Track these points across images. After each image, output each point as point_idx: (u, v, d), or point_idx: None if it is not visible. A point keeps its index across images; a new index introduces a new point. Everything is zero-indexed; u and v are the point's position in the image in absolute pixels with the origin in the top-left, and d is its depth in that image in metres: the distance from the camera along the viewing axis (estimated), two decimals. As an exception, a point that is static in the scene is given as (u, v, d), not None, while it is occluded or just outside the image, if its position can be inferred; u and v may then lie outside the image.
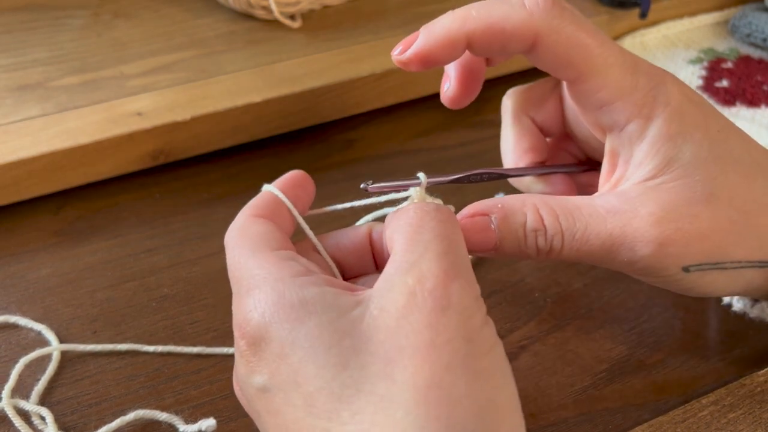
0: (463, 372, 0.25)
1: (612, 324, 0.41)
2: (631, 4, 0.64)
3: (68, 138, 0.48)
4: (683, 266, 0.33)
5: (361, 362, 0.26)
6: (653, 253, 0.32)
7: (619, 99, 0.33)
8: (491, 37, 0.32)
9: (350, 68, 0.55)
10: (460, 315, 0.26)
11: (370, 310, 0.27)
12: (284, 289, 0.28)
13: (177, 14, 0.63)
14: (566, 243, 0.33)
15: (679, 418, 0.35)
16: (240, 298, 0.29)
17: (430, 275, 0.27)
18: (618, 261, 0.33)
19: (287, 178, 0.35)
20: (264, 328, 0.27)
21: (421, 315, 0.26)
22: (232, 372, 0.38)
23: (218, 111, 0.51)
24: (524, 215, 0.33)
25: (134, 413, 0.35)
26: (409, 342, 0.26)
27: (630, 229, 0.32)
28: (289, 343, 0.27)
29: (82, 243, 0.46)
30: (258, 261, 0.29)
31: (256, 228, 0.32)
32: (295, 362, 0.26)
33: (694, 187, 0.32)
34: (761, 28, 0.62)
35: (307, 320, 0.27)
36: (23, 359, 0.38)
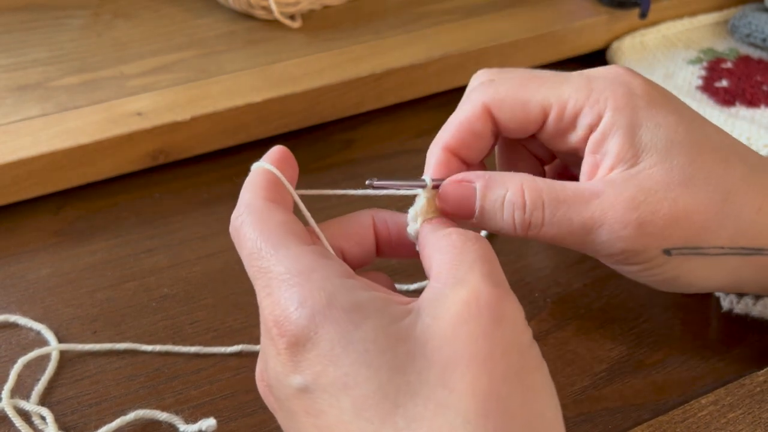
0: (518, 385, 0.25)
1: (612, 324, 0.41)
2: (631, 4, 0.64)
3: (68, 138, 0.48)
4: (663, 248, 0.33)
5: (418, 367, 0.25)
6: (632, 235, 0.32)
7: (583, 106, 0.34)
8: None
9: (350, 68, 0.55)
10: (513, 330, 0.27)
11: (422, 318, 0.27)
12: (335, 290, 0.27)
13: (177, 14, 0.63)
14: (547, 219, 0.33)
15: (679, 418, 0.35)
16: (275, 293, 0.28)
17: (483, 289, 0.27)
18: (597, 243, 0.33)
19: (277, 156, 0.33)
20: (312, 329, 0.26)
21: (478, 325, 0.26)
22: (231, 372, 0.38)
23: (218, 111, 0.51)
24: (506, 188, 0.33)
25: (134, 413, 0.36)
26: (466, 350, 0.25)
27: (611, 212, 0.32)
28: (342, 346, 0.26)
29: (82, 243, 0.46)
30: (294, 256, 0.28)
31: (279, 217, 0.30)
32: (347, 365, 0.26)
33: (672, 171, 0.33)
34: (761, 28, 0.62)
35: (362, 324, 0.26)
36: (22, 359, 0.38)
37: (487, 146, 0.37)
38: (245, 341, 0.40)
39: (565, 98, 0.35)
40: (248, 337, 0.40)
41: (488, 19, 0.63)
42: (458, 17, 0.63)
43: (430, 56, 0.57)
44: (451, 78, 0.59)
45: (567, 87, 0.35)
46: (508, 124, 0.36)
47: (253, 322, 0.41)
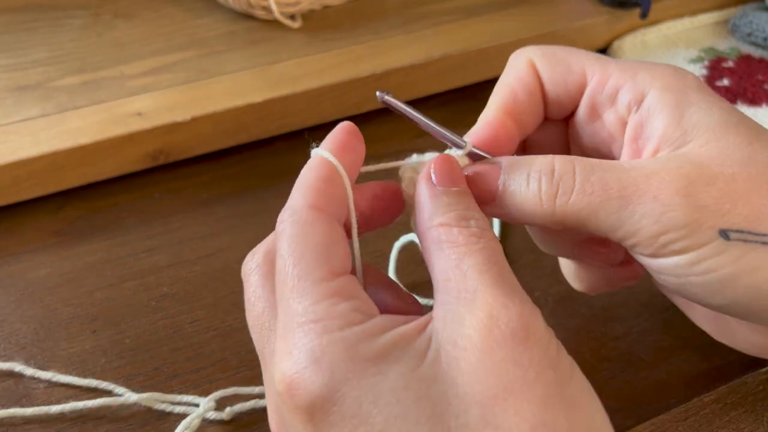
0: (560, 405, 0.24)
1: (613, 323, 0.41)
2: (632, 4, 0.64)
3: (68, 138, 0.48)
4: (720, 228, 0.27)
5: (455, 410, 0.23)
6: (684, 203, 0.27)
7: (626, 82, 0.31)
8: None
9: (350, 68, 0.55)
10: (539, 345, 0.25)
11: (443, 347, 0.25)
12: (356, 339, 0.24)
13: (177, 14, 0.63)
14: (578, 184, 0.28)
15: (681, 416, 0.35)
16: (288, 338, 0.25)
17: (500, 309, 0.25)
18: (637, 218, 0.28)
19: (341, 141, 0.29)
20: (333, 389, 0.24)
21: (504, 351, 0.24)
22: (231, 371, 0.38)
23: (218, 111, 0.51)
24: (534, 162, 0.30)
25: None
26: (500, 383, 0.24)
27: (656, 179, 0.28)
28: (370, 401, 0.23)
29: (82, 243, 0.46)
30: (316, 292, 0.25)
31: (318, 232, 0.27)
32: (381, 422, 0.23)
33: (728, 150, 0.28)
34: (762, 27, 0.62)
35: (389, 372, 0.24)
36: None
37: (540, 112, 0.33)
38: (245, 340, 0.40)
39: (609, 71, 0.32)
40: (248, 337, 0.40)
41: (488, 19, 0.63)
42: (458, 17, 0.63)
43: (430, 56, 0.57)
44: (451, 78, 0.59)
45: (612, 63, 0.32)
46: (550, 85, 0.33)
47: (253, 321, 0.41)
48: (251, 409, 0.37)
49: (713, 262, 0.27)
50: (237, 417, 0.37)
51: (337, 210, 0.28)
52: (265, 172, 0.52)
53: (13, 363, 0.38)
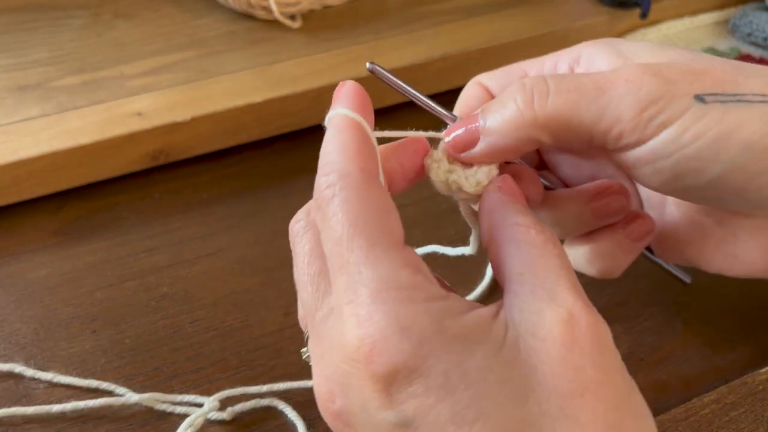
0: (628, 411, 0.25)
1: (613, 323, 0.40)
2: (632, 4, 0.64)
3: (68, 138, 0.48)
4: (695, 94, 0.28)
5: (537, 397, 0.24)
6: (654, 80, 0.28)
7: (560, 56, 0.35)
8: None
9: (350, 68, 0.55)
10: (611, 351, 0.26)
11: (521, 335, 0.25)
12: (442, 314, 0.24)
13: (177, 14, 0.63)
14: (552, 87, 0.29)
15: (681, 416, 0.35)
16: (364, 306, 0.24)
17: (580, 311, 0.25)
18: (616, 102, 0.28)
19: (358, 99, 0.28)
20: (421, 359, 0.23)
21: (583, 350, 0.24)
22: (231, 371, 0.38)
23: (218, 111, 0.51)
24: (504, 90, 0.31)
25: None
26: (577, 378, 0.24)
27: (624, 70, 0.29)
28: (458, 377, 0.23)
29: (82, 243, 0.46)
30: (390, 263, 0.25)
31: (377, 198, 0.26)
32: (467, 398, 0.23)
33: (672, 54, 0.31)
34: (762, 27, 0.62)
35: (476, 351, 0.24)
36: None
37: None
38: (245, 340, 0.40)
39: (542, 59, 0.35)
40: (247, 336, 0.40)
41: (488, 19, 0.63)
42: (458, 17, 0.63)
43: (430, 56, 0.57)
44: (451, 78, 0.58)
45: (541, 57, 0.36)
46: (498, 91, 0.36)
47: (252, 321, 0.41)
48: (252, 409, 0.37)
49: (699, 126, 0.28)
50: (238, 417, 0.37)
51: (378, 174, 0.27)
52: (265, 172, 0.52)
53: (13, 364, 0.38)
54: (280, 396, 0.37)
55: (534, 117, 0.29)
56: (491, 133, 0.30)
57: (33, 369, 0.38)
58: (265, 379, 0.38)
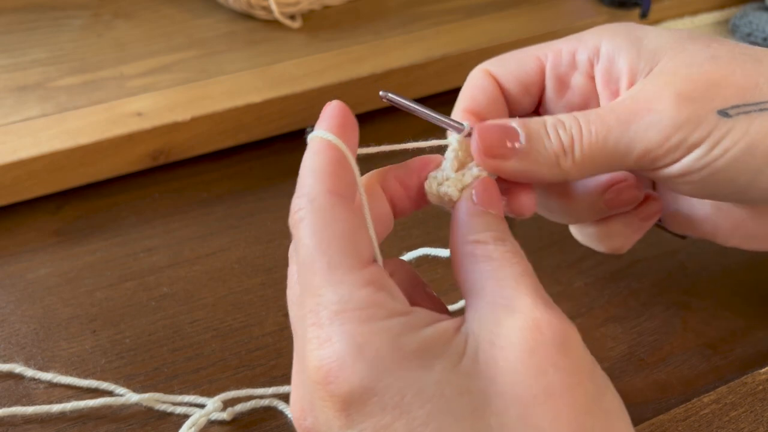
0: (597, 414, 0.24)
1: (613, 323, 0.41)
2: (632, 4, 0.64)
3: (68, 138, 0.48)
4: (718, 110, 0.29)
5: (495, 408, 0.23)
6: (675, 103, 0.29)
7: (577, 47, 0.34)
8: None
9: (350, 68, 0.55)
10: (578, 354, 0.25)
11: (480, 346, 0.25)
12: (400, 331, 0.24)
13: (177, 14, 0.63)
14: (583, 127, 0.30)
15: (681, 416, 0.35)
16: (325, 328, 0.24)
17: (540, 314, 0.25)
18: (645, 131, 0.30)
19: (338, 119, 0.28)
20: (375, 380, 0.23)
21: (545, 354, 0.24)
22: (231, 371, 0.38)
23: (218, 111, 0.51)
24: (543, 118, 0.31)
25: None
26: (540, 384, 0.24)
27: (642, 96, 0.30)
28: (413, 394, 0.23)
29: (82, 243, 0.46)
30: (350, 283, 0.25)
31: (343, 219, 0.26)
32: (423, 415, 0.23)
33: (692, 55, 0.31)
34: (762, 27, 0.62)
35: (433, 366, 0.24)
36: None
37: (502, 108, 0.35)
38: (245, 340, 0.40)
39: (558, 46, 0.34)
40: (247, 336, 0.40)
41: (488, 19, 0.63)
42: (458, 17, 0.63)
43: (430, 56, 0.57)
44: (451, 78, 0.58)
45: (558, 41, 0.35)
46: (509, 83, 0.35)
47: (252, 321, 0.41)
48: (252, 409, 0.37)
49: (726, 142, 0.29)
50: (238, 417, 0.36)
51: (352, 194, 0.28)
52: (265, 172, 0.52)
53: (13, 364, 0.38)
54: (281, 397, 0.37)
55: (572, 165, 0.31)
56: (529, 161, 0.31)
57: (33, 369, 0.38)
58: (265, 379, 0.38)
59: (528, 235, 0.46)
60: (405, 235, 0.47)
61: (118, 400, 0.37)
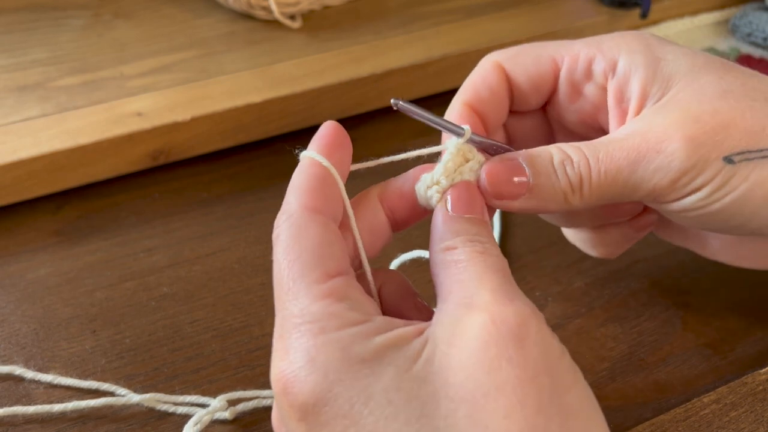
0: (554, 411, 0.23)
1: (613, 323, 0.41)
2: (632, 4, 0.64)
3: (68, 138, 0.48)
4: (723, 156, 0.30)
5: (445, 411, 0.23)
6: (683, 148, 0.30)
7: (595, 54, 0.34)
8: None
9: (350, 68, 0.55)
10: (538, 347, 0.24)
11: (438, 346, 0.25)
12: (351, 340, 0.25)
13: (177, 14, 0.63)
14: (592, 165, 0.31)
15: (681, 416, 0.35)
16: (285, 338, 0.25)
17: (497, 308, 0.25)
18: (651, 173, 0.30)
19: (328, 139, 0.29)
20: (326, 389, 0.24)
21: (499, 349, 0.24)
22: (231, 371, 0.38)
23: (218, 111, 0.51)
24: (550, 152, 0.31)
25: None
26: (491, 381, 0.23)
27: (652, 136, 0.30)
28: (362, 402, 0.24)
29: (82, 243, 0.46)
30: (311, 293, 0.26)
31: (313, 234, 0.27)
32: (371, 422, 0.24)
33: (704, 89, 0.31)
34: (762, 27, 0.62)
35: (382, 374, 0.24)
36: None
37: (504, 106, 0.35)
38: (245, 340, 0.40)
39: (576, 50, 0.34)
40: (247, 336, 0.40)
41: (488, 19, 0.63)
42: (458, 17, 0.63)
43: (430, 56, 0.57)
44: (451, 78, 0.58)
45: (577, 42, 0.35)
46: (520, 80, 0.35)
47: (252, 321, 0.41)
48: (254, 409, 0.37)
49: (727, 187, 0.30)
50: (240, 416, 0.36)
51: (333, 209, 0.29)
52: (265, 172, 0.52)
53: (13, 366, 0.38)
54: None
55: (581, 197, 0.31)
56: (537, 198, 0.31)
57: (33, 371, 0.38)
58: (265, 379, 0.38)
59: (528, 235, 0.46)
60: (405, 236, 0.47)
61: (119, 400, 0.36)
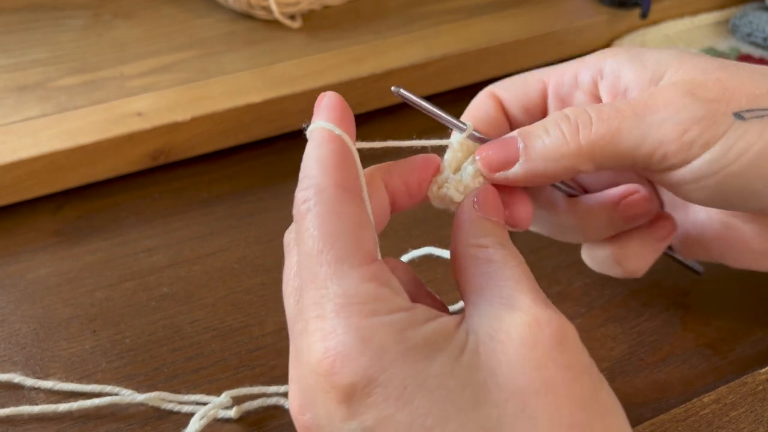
0: (594, 409, 0.25)
1: (613, 323, 0.41)
2: (632, 4, 0.64)
3: (68, 138, 0.48)
4: (734, 112, 0.29)
5: (495, 399, 0.24)
6: (693, 101, 0.29)
7: (580, 68, 0.34)
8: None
9: (350, 68, 0.55)
10: (576, 350, 0.26)
11: (481, 339, 0.25)
12: (404, 325, 0.25)
13: (177, 14, 0.63)
14: (594, 116, 0.30)
15: (681, 416, 0.35)
16: (328, 319, 0.25)
17: (539, 312, 0.26)
18: (658, 126, 0.29)
19: (337, 110, 0.29)
20: (379, 371, 0.24)
21: (545, 349, 0.25)
22: (231, 371, 0.38)
23: (218, 111, 0.51)
24: (546, 119, 0.31)
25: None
26: (539, 378, 0.24)
27: (659, 94, 0.30)
28: (416, 385, 0.24)
29: (82, 243, 0.46)
30: (356, 277, 0.25)
31: (351, 214, 0.26)
32: (424, 405, 0.24)
33: (701, 64, 0.31)
34: (762, 27, 0.62)
35: (435, 358, 0.24)
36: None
37: (503, 130, 0.36)
38: (245, 340, 0.40)
39: (561, 69, 0.35)
40: (247, 336, 0.40)
41: (488, 19, 0.63)
42: (458, 17, 0.63)
43: (430, 56, 0.57)
44: (451, 78, 0.58)
45: (562, 65, 0.35)
46: (512, 104, 0.36)
47: (252, 321, 0.41)
48: (259, 407, 0.37)
49: (741, 143, 0.29)
50: (245, 415, 0.36)
51: (357, 188, 0.28)
52: (265, 172, 0.52)
53: (11, 374, 0.38)
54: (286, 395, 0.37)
55: (579, 147, 0.30)
56: (533, 158, 0.31)
57: (33, 378, 0.37)
58: (265, 379, 0.38)
59: (528, 235, 0.46)
60: (405, 235, 0.47)
61: (124, 399, 0.36)
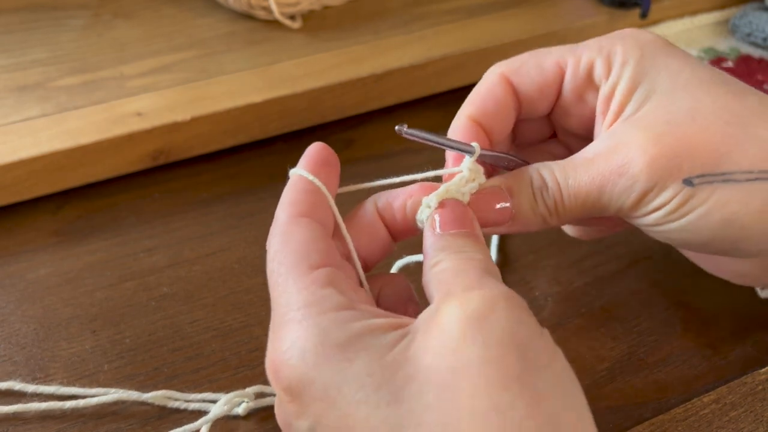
0: (521, 390, 0.24)
1: (613, 323, 0.41)
2: (632, 4, 0.64)
3: (68, 138, 0.48)
4: (684, 179, 0.31)
5: (415, 392, 0.24)
6: (645, 170, 0.31)
7: (596, 58, 0.35)
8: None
9: (350, 68, 0.55)
10: (504, 325, 0.25)
11: (415, 337, 0.26)
12: (329, 325, 0.26)
13: (177, 14, 0.63)
14: (563, 191, 0.33)
15: (681, 416, 0.35)
16: (275, 327, 0.28)
17: (467, 293, 0.26)
18: (616, 195, 0.32)
19: (314, 158, 0.33)
20: (305, 373, 0.26)
21: (462, 329, 0.25)
22: (231, 371, 0.38)
23: (218, 111, 0.51)
24: (529, 178, 0.33)
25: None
26: (456, 360, 0.24)
27: (616, 158, 0.32)
28: (335, 386, 0.25)
29: (82, 243, 0.46)
30: (297, 285, 0.28)
31: (299, 234, 0.30)
32: (344, 405, 0.25)
33: (676, 107, 0.32)
34: (761, 27, 0.62)
35: (355, 359, 0.25)
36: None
37: (510, 118, 0.36)
38: (245, 340, 0.40)
39: (579, 53, 0.35)
40: (247, 336, 0.40)
41: (488, 19, 0.63)
42: (458, 17, 0.63)
43: (430, 56, 0.57)
44: (451, 78, 0.59)
45: (580, 46, 0.36)
46: (526, 89, 0.36)
47: (252, 321, 0.41)
48: (267, 405, 0.37)
49: (687, 206, 0.31)
50: (253, 413, 0.37)
51: (319, 215, 0.31)
52: (265, 172, 0.52)
53: (11, 382, 0.37)
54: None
55: (558, 221, 0.34)
56: (520, 224, 0.34)
57: (33, 385, 0.37)
58: (265, 379, 0.38)
59: (528, 235, 0.46)
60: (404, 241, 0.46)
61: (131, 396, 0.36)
